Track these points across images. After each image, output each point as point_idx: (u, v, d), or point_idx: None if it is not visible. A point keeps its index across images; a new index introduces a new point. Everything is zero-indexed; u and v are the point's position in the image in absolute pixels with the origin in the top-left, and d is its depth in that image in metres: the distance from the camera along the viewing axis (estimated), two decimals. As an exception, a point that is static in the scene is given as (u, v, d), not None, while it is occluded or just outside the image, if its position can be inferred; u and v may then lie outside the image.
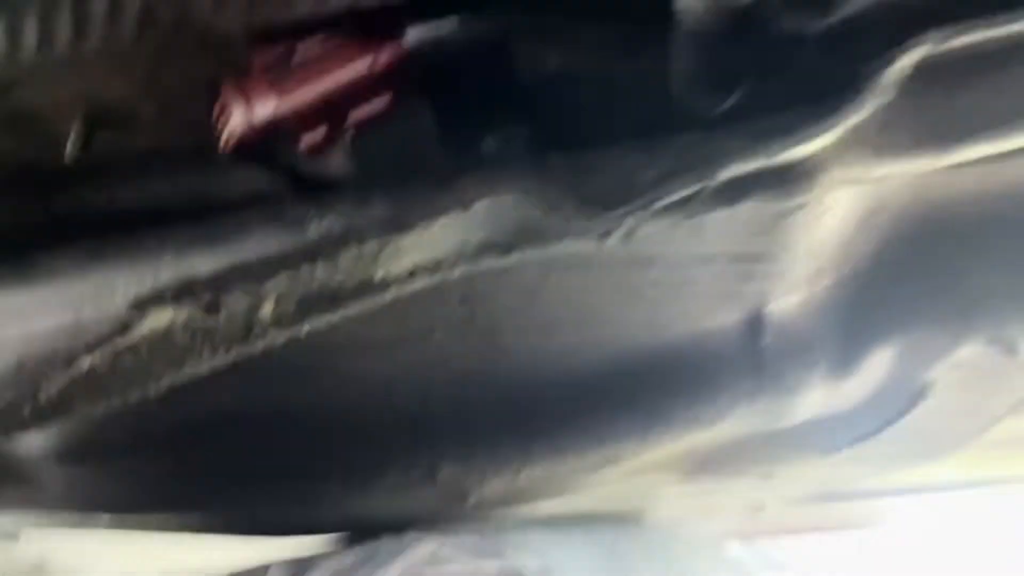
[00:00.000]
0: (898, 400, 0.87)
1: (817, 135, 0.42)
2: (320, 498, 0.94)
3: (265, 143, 0.61)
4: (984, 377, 0.84)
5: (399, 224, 0.44)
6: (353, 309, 0.48)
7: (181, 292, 0.42)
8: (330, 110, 0.54)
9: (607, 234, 0.45)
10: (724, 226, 0.70)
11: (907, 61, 0.42)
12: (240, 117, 0.54)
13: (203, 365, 0.47)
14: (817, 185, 0.44)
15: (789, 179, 0.44)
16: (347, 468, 0.90)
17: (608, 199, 0.44)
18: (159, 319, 0.42)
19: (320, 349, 0.80)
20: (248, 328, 0.45)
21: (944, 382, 0.83)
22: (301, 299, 0.45)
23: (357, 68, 0.53)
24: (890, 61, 0.42)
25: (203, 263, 0.52)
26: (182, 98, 0.63)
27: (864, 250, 0.76)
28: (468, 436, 0.86)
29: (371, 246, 0.44)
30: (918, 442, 1.04)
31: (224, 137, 0.58)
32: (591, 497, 1.17)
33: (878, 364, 0.81)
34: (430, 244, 0.45)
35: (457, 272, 0.47)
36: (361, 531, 1.14)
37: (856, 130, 0.44)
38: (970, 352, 0.79)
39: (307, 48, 0.54)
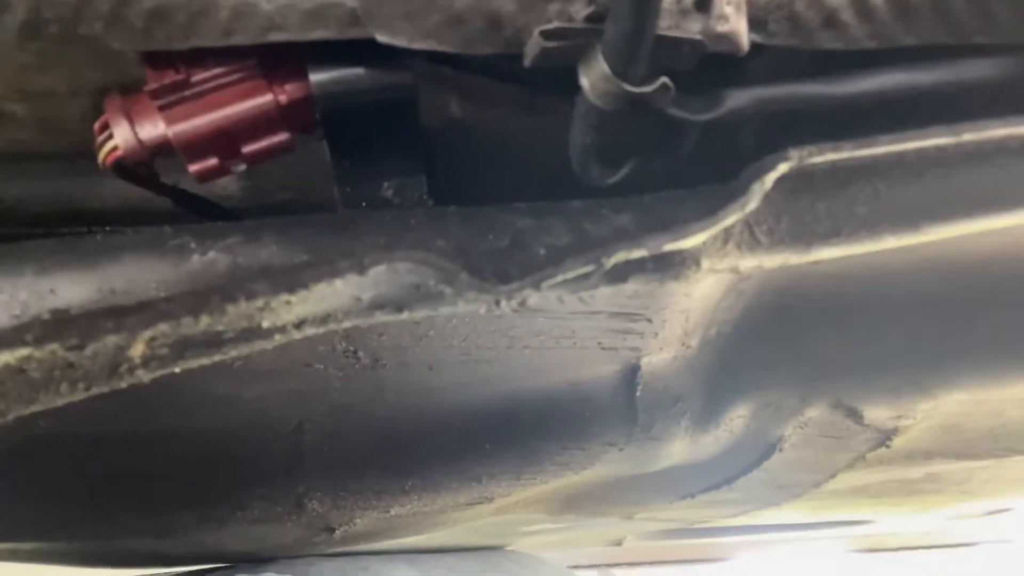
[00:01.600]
0: (752, 453, 0.93)
1: (695, 232, 0.46)
2: (180, 529, 0.89)
3: (149, 164, 0.59)
4: (828, 436, 0.92)
5: (291, 284, 0.43)
6: (233, 353, 0.46)
7: (44, 333, 0.39)
8: (222, 141, 0.52)
9: (498, 303, 0.46)
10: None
11: (773, 174, 0.47)
12: (123, 137, 0.52)
13: (58, 400, 0.44)
14: (692, 272, 0.48)
15: (667, 266, 0.48)
16: (210, 499, 0.86)
17: (502, 274, 0.45)
18: (14, 355, 0.39)
19: (191, 377, 0.76)
20: (114, 368, 0.42)
21: (793, 439, 0.90)
22: (176, 342, 0.43)
23: (255, 104, 0.52)
24: (760, 172, 0.47)
25: (70, 290, 0.49)
26: (63, 105, 0.59)
27: (728, 316, 0.81)
28: (340, 470, 0.85)
29: (261, 302, 0.43)
30: (766, 490, 1.12)
31: (103, 153, 0.55)
32: (459, 532, 1.18)
33: (736, 419, 0.87)
34: (320, 300, 0.44)
35: (347, 324, 0.46)
36: (220, 562, 1.09)
37: (727, 229, 0.48)
38: (816, 414, 0.87)
39: (205, 76, 0.52)
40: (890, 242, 0.49)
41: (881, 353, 0.83)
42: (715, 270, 0.48)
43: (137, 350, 0.42)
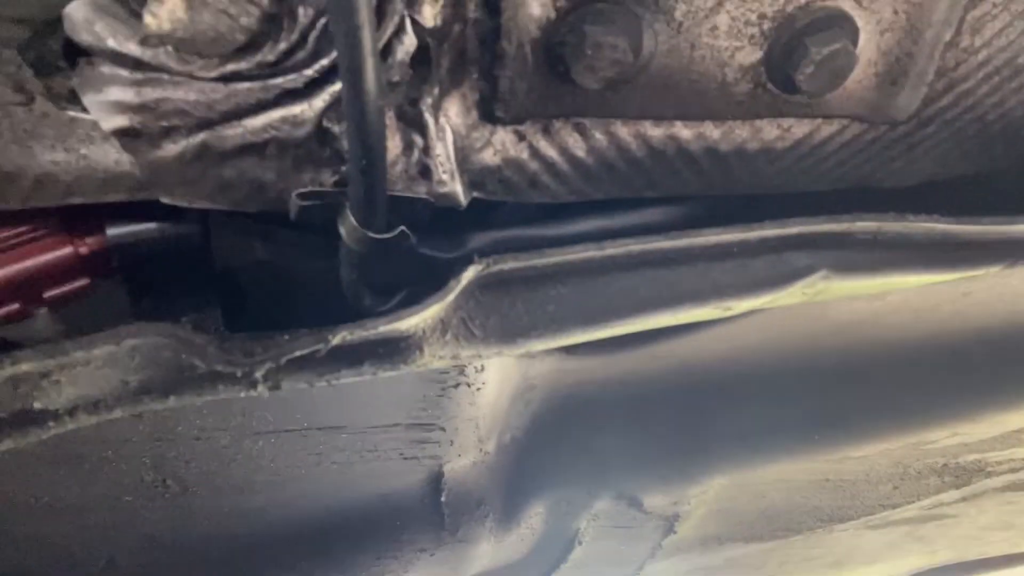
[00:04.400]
0: (555, 548, 1.02)
1: (405, 317, 0.57)
2: None
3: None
4: (619, 527, 1.03)
5: (53, 351, 0.49)
6: (11, 442, 0.50)
7: None
8: (25, 288, 0.59)
9: (252, 381, 0.54)
10: (395, 399, 0.84)
11: (465, 275, 0.59)
12: (-71, 288, 0.58)
13: None
14: (418, 358, 0.59)
15: (395, 352, 0.58)
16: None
17: (247, 351, 0.54)
18: None
19: (12, 509, 0.77)
20: None
21: (589, 532, 1.01)
22: None
23: (56, 255, 0.60)
24: (458, 272, 0.59)
25: None
26: None
27: (520, 423, 0.93)
28: (153, 601, 0.86)
29: (27, 367, 0.48)
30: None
31: (-90, 303, 0.60)
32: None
33: (535, 517, 0.97)
34: (89, 380, 0.50)
35: (118, 413, 0.52)
36: None
37: (442, 320, 0.59)
38: (603, 506, 0.98)
39: (10, 233, 0.60)
40: (578, 336, 0.62)
41: (649, 446, 0.97)
42: (438, 357, 0.59)
43: None
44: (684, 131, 0.62)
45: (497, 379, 0.86)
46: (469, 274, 0.61)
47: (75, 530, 0.81)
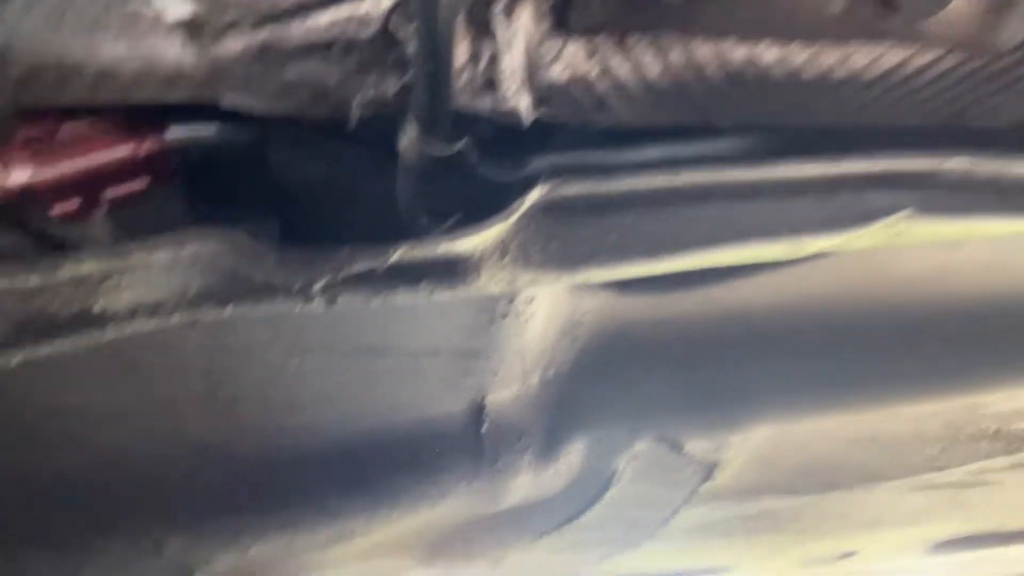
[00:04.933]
0: (592, 485, 1.02)
1: (465, 236, 0.56)
2: (34, 573, 0.89)
3: (20, 208, 0.64)
4: (659, 470, 1.02)
5: (114, 252, 0.49)
6: (72, 341, 0.50)
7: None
8: (85, 186, 0.59)
9: (309, 295, 0.54)
10: (442, 325, 0.83)
11: (529, 198, 0.57)
12: (-6, 180, 0.58)
13: None
14: (475, 280, 0.57)
15: (453, 273, 0.57)
16: (66, 539, 0.87)
17: (304, 262, 0.54)
18: None
19: (50, 411, 0.79)
20: None
21: (628, 472, 1.00)
22: (18, 321, 0.47)
23: (117, 153, 0.59)
24: (521, 195, 0.57)
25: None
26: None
27: (564, 357, 0.92)
28: (199, 508, 0.88)
29: (89, 267, 0.49)
30: (619, 528, 1.21)
31: (-24, 197, 0.60)
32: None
33: (574, 454, 0.96)
34: (149, 284, 0.50)
35: (177, 318, 0.52)
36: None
37: (502, 243, 0.58)
38: (644, 447, 0.97)
39: (72, 128, 0.59)
40: (640, 267, 0.60)
41: (695, 391, 0.95)
42: (495, 280, 0.58)
43: None
44: (767, 53, 0.59)
45: (546, 312, 0.85)
46: (533, 197, 0.59)
47: (128, 435, 0.82)
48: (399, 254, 0.55)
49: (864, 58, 0.58)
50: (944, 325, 0.94)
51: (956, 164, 0.59)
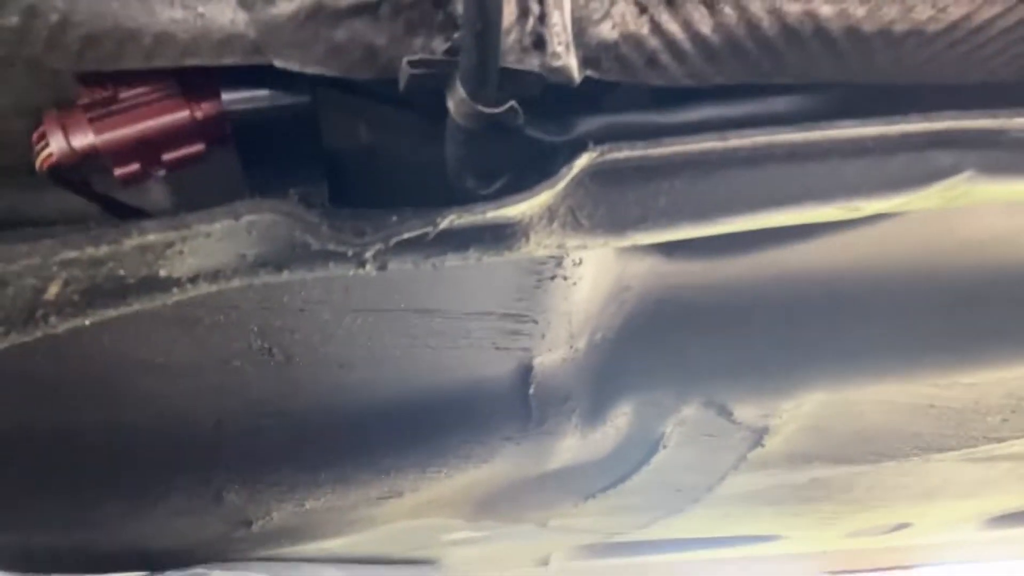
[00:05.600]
0: (639, 449, 1.02)
1: (514, 203, 0.56)
2: (101, 521, 0.94)
3: (82, 172, 0.67)
4: (706, 435, 1.02)
5: (176, 223, 0.51)
6: (138, 305, 0.53)
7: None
8: (144, 150, 0.61)
9: (361, 261, 0.55)
10: (490, 287, 0.84)
11: (579, 163, 0.57)
12: (57, 144, 0.60)
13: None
14: (523, 245, 0.57)
15: (501, 237, 0.57)
16: (132, 488, 0.92)
17: (358, 230, 0.55)
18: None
19: (116, 367, 0.83)
20: (31, 310, 0.49)
21: (674, 437, 1.00)
22: (88, 288, 0.50)
23: (174, 117, 0.61)
24: (570, 159, 0.57)
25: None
26: (7, 122, 0.68)
27: (612, 323, 0.92)
28: (257, 462, 0.92)
29: (153, 237, 0.51)
30: (664, 494, 1.21)
31: (40, 160, 0.63)
32: (380, 537, 1.24)
33: (621, 417, 0.97)
34: (209, 251, 0.52)
35: (236, 283, 0.54)
36: (144, 563, 1.13)
37: (550, 208, 0.58)
38: (691, 412, 0.97)
39: (131, 93, 0.61)
40: (689, 231, 0.59)
41: (745, 356, 0.94)
42: (543, 245, 0.58)
43: (52, 292, 0.49)
44: (824, 7, 0.56)
45: (593, 276, 0.85)
46: (582, 162, 0.58)
47: (188, 390, 0.86)
48: (448, 220, 0.56)
49: (927, 11, 0.56)
50: (1007, 290, 0.90)
51: (1021, 122, 0.56)
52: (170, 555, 1.08)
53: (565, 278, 0.81)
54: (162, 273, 0.53)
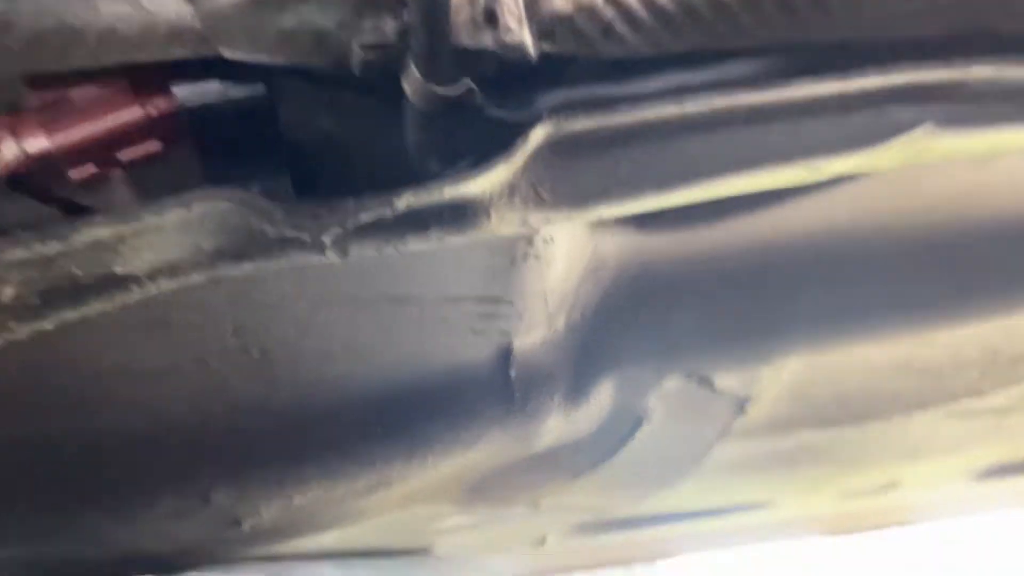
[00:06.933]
0: (623, 425, 1.03)
1: (471, 179, 0.56)
2: (88, 531, 0.94)
3: (39, 176, 0.66)
4: (689, 407, 1.03)
5: (126, 216, 0.50)
6: (99, 305, 0.52)
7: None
8: (98, 150, 0.60)
9: (321, 247, 0.54)
10: (464, 272, 0.83)
11: (535, 135, 0.56)
12: (10, 150, 0.59)
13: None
14: (485, 223, 0.57)
15: (462, 216, 0.57)
16: (118, 495, 0.91)
17: (315, 215, 0.54)
18: None
19: (93, 375, 0.82)
20: None
21: (657, 411, 1.01)
22: (44, 289, 0.49)
23: (128, 115, 0.60)
24: (526, 133, 0.57)
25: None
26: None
27: (589, 299, 0.92)
28: (242, 460, 0.91)
29: (102, 231, 0.50)
30: (650, 467, 1.22)
31: (-5, 167, 0.62)
32: (374, 529, 1.24)
33: (604, 394, 0.97)
34: (164, 245, 0.52)
35: (196, 278, 0.53)
36: (135, 570, 1.12)
37: (510, 184, 0.57)
38: (673, 385, 0.97)
39: (81, 94, 0.60)
40: (652, 200, 0.59)
41: (723, 325, 0.95)
42: (506, 222, 0.58)
43: (7, 294, 0.49)
44: (777, -32, 0.56)
45: (567, 254, 0.85)
46: (538, 135, 0.58)
47: (166, 394, 0.85)
48: (406, 201, 0.55)
49: (881, -36, 0.56)
50: (976, 245, 0.91)
51: (980, 72, 0.56)
52: (162, 560, 1.07)
53: (538, 257, 0.81)
54: (118, 270, 0.52)
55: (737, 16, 0.60)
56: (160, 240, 0.53)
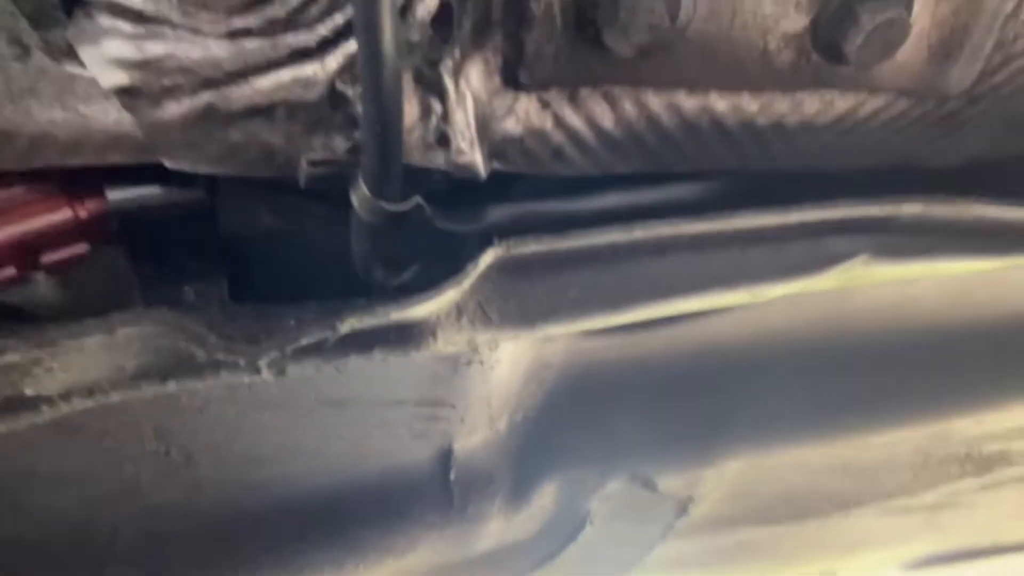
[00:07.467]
0: (565, 528, 1.00)
1: (419, 303, 0.54)
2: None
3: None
4: (632, 509, 1.01)
5: (42, 340, 0.47)
6: (3, 426, 0.48)
7: None
8: (21, 252, 0.57)
9: (256, 368, 0.52)
10: (405, 376, 0.81)
11: (484, 259, 0.56)
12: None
13: None
14: (431, 344, 0.56)
15: (408, 338, 0.55)
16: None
17: (251, 338, 0.52)
18: None
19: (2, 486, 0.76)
20: None
21: (600, 513, 0.99)
22: None
23: (55, 216, 0.57)
24: (476, 256, 0.56)
25: None
26: None
27: (532, 402, 0.90)
28: (158, 568, 0.85)
29: (14, 359, 0.46)
30: (591, 567, 1.19)
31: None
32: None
33: (546, 497, 0.95)
34: (83, 366, 0.48)
35: (116, 397, 0.50)
36: None
37: (458, 305, 0.56)
38: (616, 487, 0.96)
39: (7, 193, 0.57)
40: (599, 321, 0.59)
41: (665, 429, 0.94)
42: (452, 343, 0.56)
43: None
44: (720, 103, 0.58)
45: (511, 357, 0.84)
46: (487, 258, 0.57)
47: (79, 500, 0.79)
48: (349, 324, 0.53)
49: (815, 105, 0.58)
50: (908, 354, 0.94)
51: (911, 208, 0.59)
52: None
53: (482, 362, 0.79)
54: (28, 392, 0.48)
55: (681, 145, 0.61)
56: (79, 361, 0.49)
